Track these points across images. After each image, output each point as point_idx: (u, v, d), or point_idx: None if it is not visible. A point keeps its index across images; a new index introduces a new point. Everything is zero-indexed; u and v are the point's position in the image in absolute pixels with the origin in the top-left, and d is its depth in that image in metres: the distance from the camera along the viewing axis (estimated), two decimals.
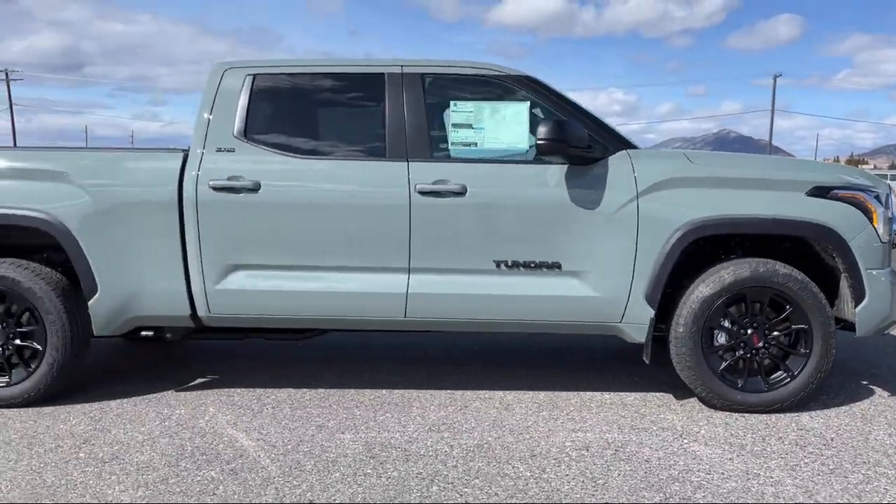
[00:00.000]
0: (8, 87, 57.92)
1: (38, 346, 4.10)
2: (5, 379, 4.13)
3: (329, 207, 4.00)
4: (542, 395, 4.33)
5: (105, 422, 3.86)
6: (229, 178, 4.01)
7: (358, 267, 4.04)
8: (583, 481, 3.12)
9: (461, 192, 3.96)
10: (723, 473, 3.21)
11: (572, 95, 4.26)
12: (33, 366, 4.11)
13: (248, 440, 3.59)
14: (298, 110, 4.32)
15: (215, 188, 4.00)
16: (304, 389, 4.41)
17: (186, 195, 4.01)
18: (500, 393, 4.35)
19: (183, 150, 4.16)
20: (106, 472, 3.22)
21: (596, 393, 4.36)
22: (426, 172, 4.00)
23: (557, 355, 5.27)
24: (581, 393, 4.36)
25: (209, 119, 4.14)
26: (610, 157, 4.00)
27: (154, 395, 4.31)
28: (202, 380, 4.63)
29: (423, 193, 3.96)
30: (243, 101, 4.16)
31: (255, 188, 3.99)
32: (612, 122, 4.98)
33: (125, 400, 4.21)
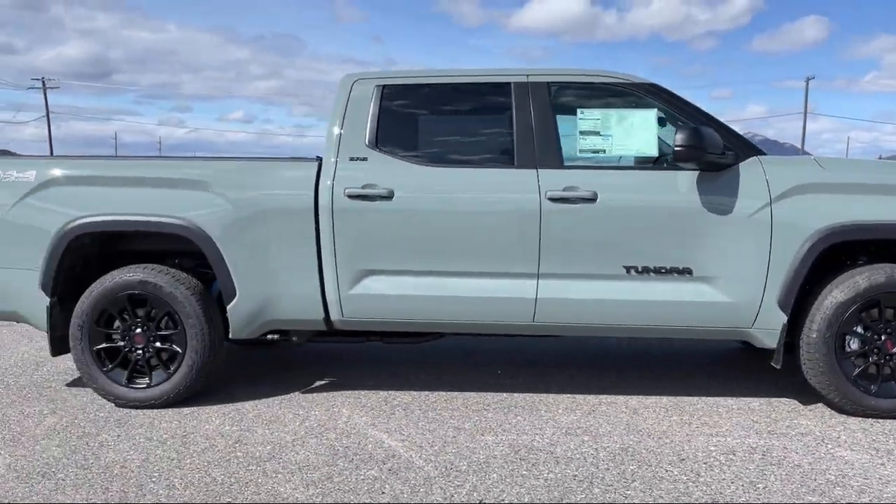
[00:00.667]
0: (45, 95, 59.39)
1: (178, 349, 4.25)
2: (146, 380, 4.28)
3: (460, 215, 4.08)
4: (664, 399, 4.36)
5: (246, 422, 3.98)
6: (364, 187, 4.11)
7: (488, 272, 4.11)
8: (742, 485, 3.15)
9: (592, 199, 4.01)
10: (880, 478, 3.22)
11: None
12: (172, 368, 4.25)
13: (393, 441, 3.68)
14: (426, 119, 4.43)
15: (350, 196, 4.11)
16: (427, 392, 4.50)
17: (322, 203, 4.13)
18: (623, 397, 4.39)
19: (317, 159, 4.29)
20: (269, 470, 3.34)
21: (719, 398, 4.37)
22: (556, 179, 4.06)
23: (666, 360, 5.30)
24: (704, 398, 4.38)
25: (341, 129, 4.26)
26: (741, 164, 4.02)
27: (281, 396, 4.43)
28: (322, 382, 4.74)
29: (553, 200, 4.03)
30: (373, 111, 4.26)
31: (388, 196, 4.09)
32: None
33: (257, 401, 4.34)
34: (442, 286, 4.14)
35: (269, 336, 4.47)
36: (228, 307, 4.22)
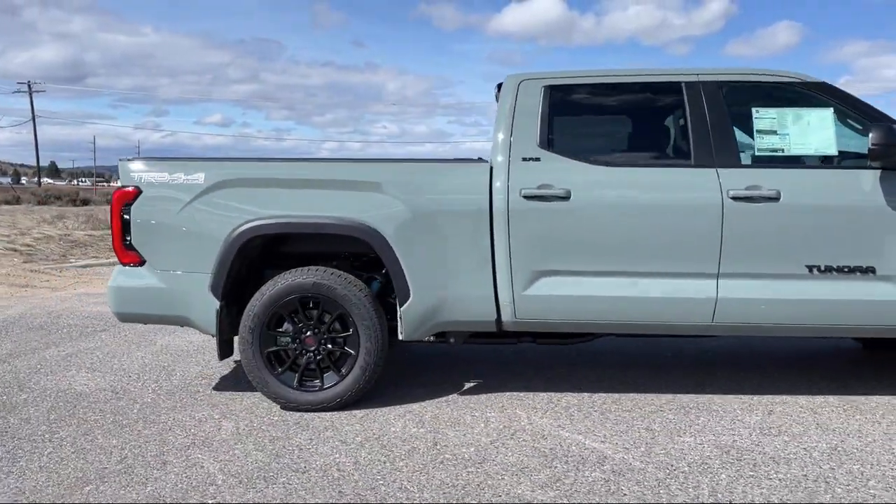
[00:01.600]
0: (31, 99, 59.37)
1: (351, 351, 4.22)
2: (317, 383, 4.25)
3: (640, 215, 4.07)
4: (832, 398, 4.34)
5: (428, 424, 3.95)
6: (539, 187, 4.09)
7: (667, 273, 4.09)
8: None
9: (775, 198, 4.00)
10: None
11: None
12: (344, 370, 4.23)
13: (594, 443, 3.66)
14: (596, 119, 4.42)
15: (527, 196, 4.09)
16: (585, 393, 4.48)
17: (497, 204, 4.11)
18: (790, 397, 4.37)
19: (481, 161, 4.27)
20: (491, 472, 3.30)
21: (891, 397, 4.36)
22: (737, 178, 4.04)
23: (800, 360, 5.29)
24: (875, 397, 4.36)
25: (511, 129, 4.24)
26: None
27: (442, 398, 4.40)
28: (471, 384, 4.72)
29: (736, 199, 4.01)
30: (542, 111, 4.25)
31: (566, 196, 4.07)
32: None
33: (423, 403, 4.31)
34: (619, 287, 4.11)
35: (429, 338, 4.45)
36: (402, 309, 4.19)
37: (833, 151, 4.10)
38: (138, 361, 5.53)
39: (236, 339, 4.33)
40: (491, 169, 4.19)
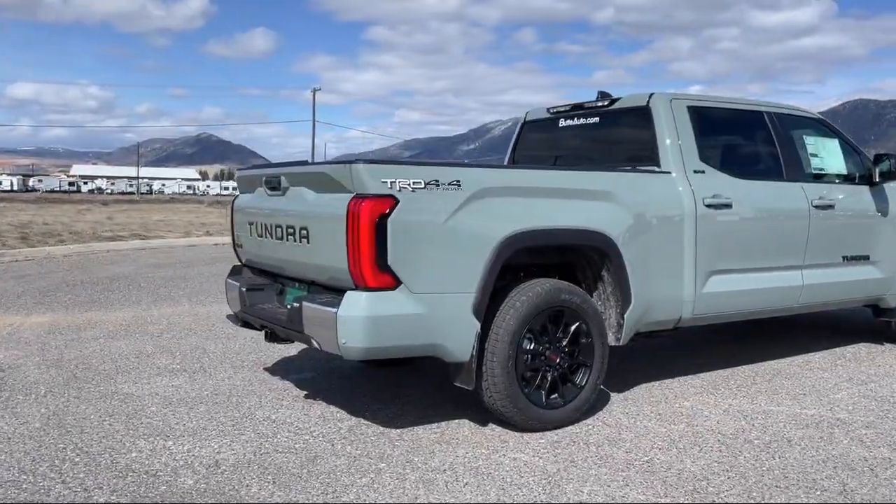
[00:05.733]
0: None
1: (586, 362, 4.14)
2: (558, 399, 4.05)
3: (772, 219, 4.99)
4: None
5: (698, 424, 4.20)
6: (713, 196, 4.65)
7: (784, 266, 5.08)
8: None
9: (832, 206, 5.30)
10: None
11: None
12: (580, 382, 4.12)
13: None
14: (726, 138, 5.09)
15: (707, 205, 4.60)
16: (726, 371, 5.17)
17: (688, 211, 4.53)
18: None
19: (663, 172, 4.61)
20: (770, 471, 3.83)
21: None
22: (811, 191, 5.23)
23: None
24: None
25: (679, 142, 4.67)
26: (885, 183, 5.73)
27: (623, 394, 4.61)
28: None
29: (816, 207, 5.19)
30: (694, 128, 4.77)
31: (729, 204, 4.71)
32: (86, 118, 6.14)
33: (648, 399, 4.46)
34: (758, 280, 4.93)
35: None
36: (626, 315, 4.29)
37: (845, 172, 5.59)
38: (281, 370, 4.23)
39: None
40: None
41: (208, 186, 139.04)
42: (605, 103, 5.06)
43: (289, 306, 3.99)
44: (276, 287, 4.44)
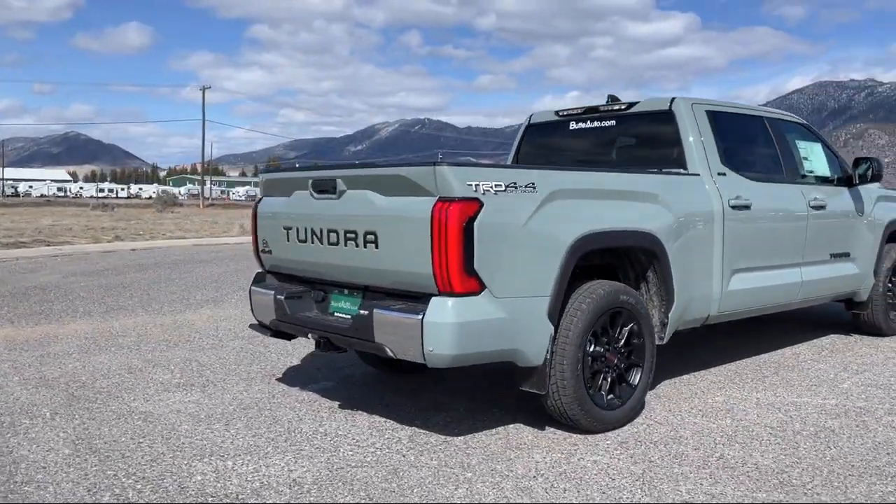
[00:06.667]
0: None
1: (639, 363, 4.19)
2: (615, 400, 4.08)
3: (782, 220, 5.25)
4: None
5: (746, 425, 4.33)
6: (736, 198, 4.82)
7: (790, 264, 5.33)
8: None
9: (824, 207, 5.61)
10: None
11: None
12: (634, 382, 4.18)
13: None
14: (738, 142, 5.25)
15: (732, 206, 4.77)
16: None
17: (717, 211, 4.68)
18: None
19: (692, 174, 4.73)
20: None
21: None
22: (807, 192, 5.52)
23: None
24: None
25: (702, 144, 4.81)
26: (860, 185, 6.13)
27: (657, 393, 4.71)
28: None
29: (812, 207, 5.48)
30: (714, 132, 4.92)
31: (748, 206, 4.90)
32: None
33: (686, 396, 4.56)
34: (769, 278, 5.16)
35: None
36: (669, 313, 4.37)
37: (829, 174, 5.93)
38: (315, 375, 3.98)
39: None
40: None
41: (81, 188, 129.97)
42: (623, 107, 5.15)
43: (352, 314, 3.85)
44: (316, 294, 4.25)
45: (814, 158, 5.86)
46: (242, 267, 11.87)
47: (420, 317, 3.40)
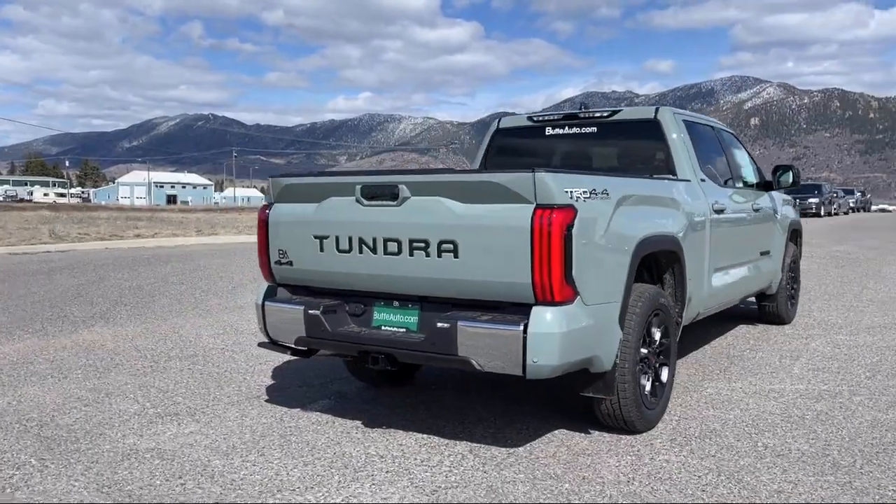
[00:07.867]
0: None
1: (668, 362, 4.36)
2: (654, 399, 4.22)
3: (745, 222, 5.71)
4: None
5: (772, 421, 4.62)
6: (716, 202, 5.18)
7: (742, 262, 5.82)
8: None
9: (758, 210, 6.20)
10: None
11: None
12: (664, 380, 4.34)
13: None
14: (705, 150, 5.59)
15: (715, 210, 5.12)
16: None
17: (708, 214, 5.00)
18: None
19: (684, 180, 5.00)
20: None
21: None
22: (749, 196, 6.07)
23: None
24: None
25: (689, 152, 5.11)
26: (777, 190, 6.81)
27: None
28: None
29: (754, 210, 6.03)
30: (693, 141, 5.25)
31: (724, 210, 5.28)
32: None
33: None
34: (734, 275, 5.60)
35: None
36: (682, 313, 4.60)
37: (755, 179, 6.53)
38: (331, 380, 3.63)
39: None
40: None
41: None
42: (605, 114, 5.32)
43: (409, 327, 3.72)
44: (354, 307, 3.96)
45: (745, 165, 6.43)
46: (90, 280, 10.66)
47: (521, 328, 3.30)
